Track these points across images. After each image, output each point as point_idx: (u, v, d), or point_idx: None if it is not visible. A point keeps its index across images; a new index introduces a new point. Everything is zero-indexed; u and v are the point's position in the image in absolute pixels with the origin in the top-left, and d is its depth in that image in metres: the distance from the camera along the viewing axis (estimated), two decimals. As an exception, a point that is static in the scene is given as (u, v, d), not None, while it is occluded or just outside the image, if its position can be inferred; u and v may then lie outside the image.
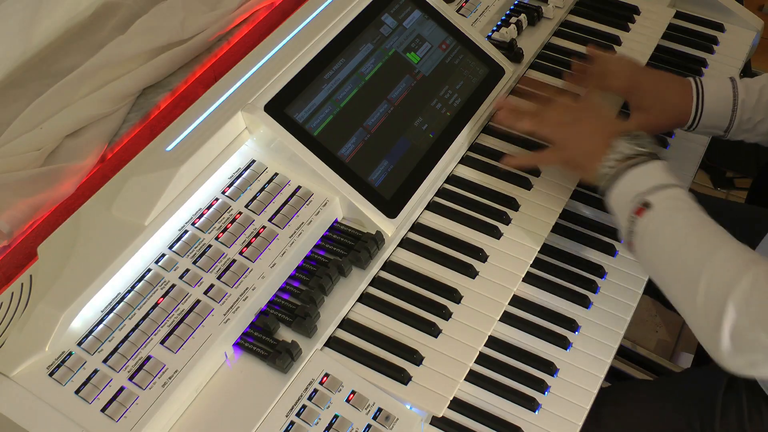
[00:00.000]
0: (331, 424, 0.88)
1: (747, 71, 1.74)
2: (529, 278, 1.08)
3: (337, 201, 1.04)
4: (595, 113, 1.08)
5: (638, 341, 1.98)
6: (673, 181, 0.96)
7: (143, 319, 0.90)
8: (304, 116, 1.04)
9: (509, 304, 1.04)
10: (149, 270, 0.93)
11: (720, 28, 1.49)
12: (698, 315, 0.87)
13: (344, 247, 1.02)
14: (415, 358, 0.96)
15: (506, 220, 1.11)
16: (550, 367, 1.00)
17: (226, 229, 0.98)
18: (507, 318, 1.04)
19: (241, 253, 0.96)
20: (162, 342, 0.88)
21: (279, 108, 1.03)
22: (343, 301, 0.98)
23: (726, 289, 0.84)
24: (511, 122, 1.14)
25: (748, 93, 1.14)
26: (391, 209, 1.05)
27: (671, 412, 1.11)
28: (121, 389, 0.84)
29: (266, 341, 0.92)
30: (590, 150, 1.02)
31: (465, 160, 1.18)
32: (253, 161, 1.05)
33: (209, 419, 0.88)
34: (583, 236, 1.15)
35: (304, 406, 0.89)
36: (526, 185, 1.15)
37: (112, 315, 0.89)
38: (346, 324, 0.99)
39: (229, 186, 1.02)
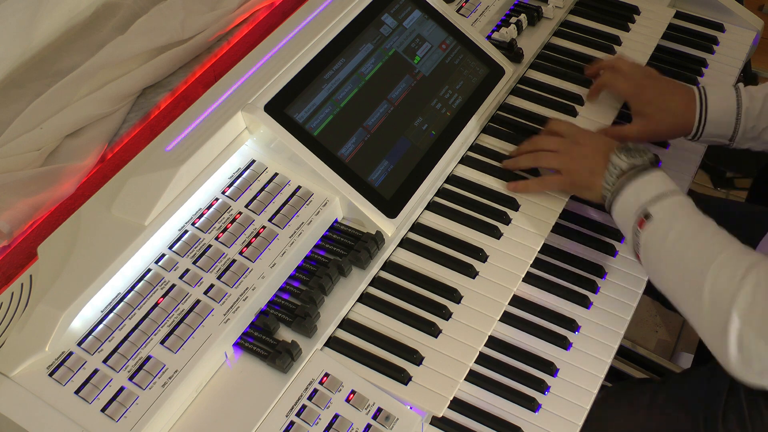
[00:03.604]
0: (331, 424, 0.88)
1: (747, 71, 1.74)
2: (529, 278, 1.08)
3: (337, 201, 1.04)
4: (589, 134, 1.11)
5: (638, 341, 1.98)
6: (672, 187, 0.97)
7: (143, 319, 0.90)
8: (304, 116, 1.04)
9: (509, 304, 1.04)
10: (149, 270, 0.93)
11: (720, 28, 1.49)
12: (705, 325, 0.87)
13: (344, 247, 1.02)
14: (415, 358, 0.96)
15: (506, 220, 1.11)
16: (550, 367, 1.00)
17: (226, 229, 0.98)
18: (507, 318, 1.04)
19: (241, 253, 0.96)
20: (162, 342, 0.88)
21: (279, 108, 1.03)
22: (343, 301, 0.98)
23: (729, 298, 0.83)
24: (512, 165, 1.16)
25: (752, 101, 1.14)
26: (391, 209, 1.05)
27: (673, 412, 1.11)
28: (121, 389, 0.84)
29: (266, 341, 0.92)
30: (591, 168, 1.05)
31: (465, 160, 1.18)
32: (253, 161, 1.05)
33: (209, 419, 0.88)
34: (583, 236, 1.15)
35: (304, 406, 0.89)
36: (526, 185, 1.15)
37: (112, 315, 0.89)
38: (346, 324, 0.99)
39: (229, 186, 1.02)
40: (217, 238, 0.97)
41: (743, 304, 0.82)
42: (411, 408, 0.92)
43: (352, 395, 0.91)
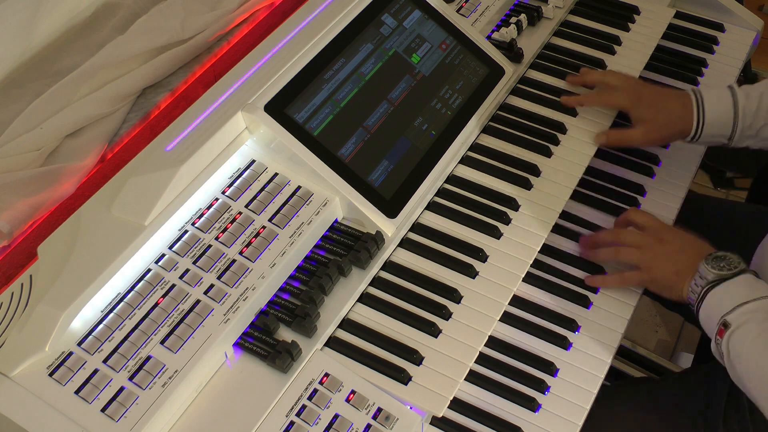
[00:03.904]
0: (331, 424, 0.88)
1: (747, 71, 1.74)
2: (529, 278, 1.08)
3: (337, 201, 1.04)
4: (674, 232, 1.07)
5: (638, 341, 1.98)
6: (756, 294, 0.94)
7: (143, 319, 0.90)
8: (304, 116, 1.04)
9: (509, 304, 1.04)
10: (149, 270, 0.93)
11: (720, 28, 1.49)
12: None
13: (344, 247, 1.02)
14: (415, 358, 0.96)
15: (506, 220, 1.11)
16: (550, 367, 1.00)
17: (226, 229, 0.98)
18: (507, 318, 1.04)
19: (241, 253, 0.96)
20: (162, 342, 0.88)
21: (279, 108, 1.03)
22: (343, 301, 0.98)
23: None
24: (591, 255, 1.12)
25: (749, 99, 1.14)
26: (391, 209, 1.05)
27: (673, 411, 1.11)
28: (121, 389, 0.84)
29: (266, 341, 0.92)
30: (676, 269, 1.02)
31: (465, 160, 1.18)
32: (253, 161, 1.05)
33: (209, 419, 0.88)
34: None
35: (304, 406, 0.89)
36: (526, 185, 1.15)
37: (112, 315, 0.89)
38: (346, 324, 0.99)
39: (229, 186, 1.02)
40: (217, 238, 0.97)
41: None
42: (411, 408, 0.92)
43: (352, 395, 0.91)
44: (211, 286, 0.93)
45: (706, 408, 1.09)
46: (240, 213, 1.00)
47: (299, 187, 1.04)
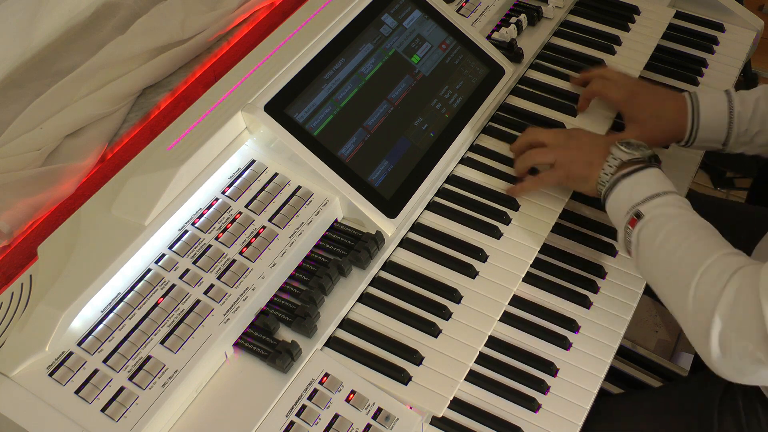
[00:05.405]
0: (331, 424, 0.88)
1: (747, 71, 1.74)
2: (529, 278, 1.08)
3: (337, 201, 1.04)
4: (586, 132, 1.12)
5: (638, 341, 1.98)
6: (667, 188, 0.97)
7: (143, 319, 0.90)
8: (304, 116, 1.04)
9: (509, 304, 1.04)
10: (149, 270, 0.93)
11: (720, 28, 1.49)
12: (689, 323, 0.89)
13: (344, 247, 1.02)
14: (415, 358, 0.96)
15: (506, 220, 1.11)
16: (550, 367, 1.00)
17: (226, 229, 0.98)
18: (507, 318, 1.04)
19: (241, 253, 0.97)
20: (162, 342, 0.88)
21: (279, 108, 1.03)
22: (343, 301, 0.98)
23: (712, 301, 0.86)
24: (516, 165, 1.15)
25: (744, 105, 1.14)
26: (391, 209, 1.05)
27: (669, 420, 1.11)
28: (121, 389, 0.84)
29: (266, 341, 0.92)
30: (589, 159, 1.06)
31: (465, 160, 1.18)
32: (253, 161, 1.05)
33: (209, 419, 0.88)
34: (583, 236, 1.15)
35: (304, 406, 0.89)
36: (526, 185, 1.15)
37: (112, 315, 0.89)
38: (346, 324, 0.99)
39: (229, 186, 1.02)
40: (217, 238, 0.97)
41: (725, 307, 0.85)
42: (411, 408, 0.92)
43: (352, 395, 0.91)
44: (211, 286, 0.93)
45: (702, 417, 1.08)
46: (240, 213, 1.00)
47: (299, 187, 1.04)
